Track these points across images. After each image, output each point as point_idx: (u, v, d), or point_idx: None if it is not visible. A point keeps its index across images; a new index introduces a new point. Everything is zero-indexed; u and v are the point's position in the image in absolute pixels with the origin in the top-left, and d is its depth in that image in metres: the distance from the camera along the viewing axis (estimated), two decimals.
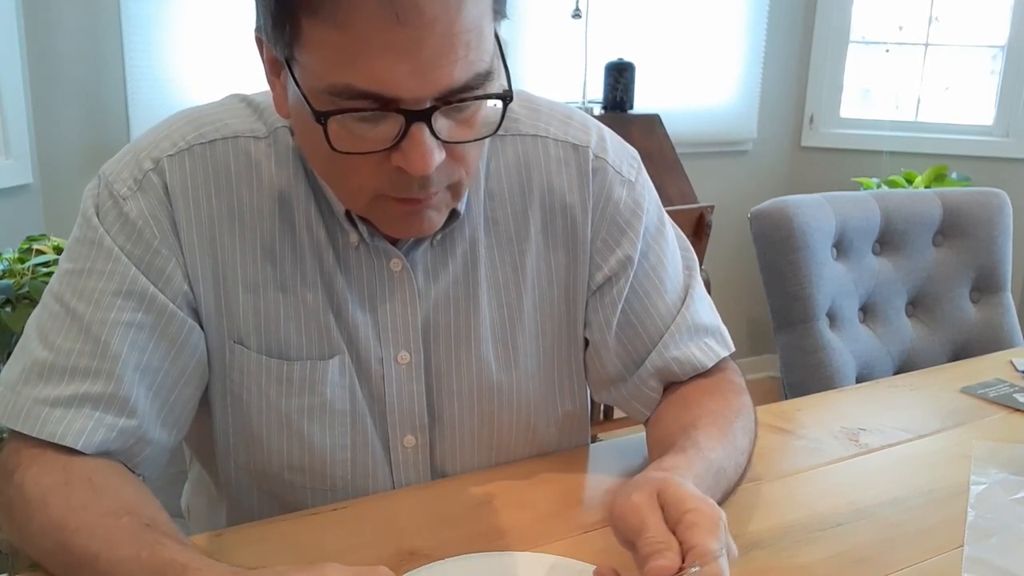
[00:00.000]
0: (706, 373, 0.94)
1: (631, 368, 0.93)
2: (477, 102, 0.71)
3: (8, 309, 1.58)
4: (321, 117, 0.68)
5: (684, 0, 3.18)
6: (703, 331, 0.95)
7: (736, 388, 0.93)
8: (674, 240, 0.97)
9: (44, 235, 1.84)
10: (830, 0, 3.44)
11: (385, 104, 0.67)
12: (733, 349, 0.98)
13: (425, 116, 0.68)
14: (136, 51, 2.38)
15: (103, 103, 2.39)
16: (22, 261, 1.70)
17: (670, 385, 0.94)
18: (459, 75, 0.68)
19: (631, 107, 2.93)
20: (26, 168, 2.27)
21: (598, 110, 2.93)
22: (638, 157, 0.96)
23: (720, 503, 0.76)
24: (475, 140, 0.74)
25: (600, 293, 0.92)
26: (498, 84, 0.72)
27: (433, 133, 0.69)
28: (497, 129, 0.75)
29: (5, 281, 1.62)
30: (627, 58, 2.92)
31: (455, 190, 0.78)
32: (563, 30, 2.94)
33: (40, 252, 1.73)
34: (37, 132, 2.31)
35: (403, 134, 0.69)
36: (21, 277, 1.65)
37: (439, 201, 0.77)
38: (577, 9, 2.84)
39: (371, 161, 0.71)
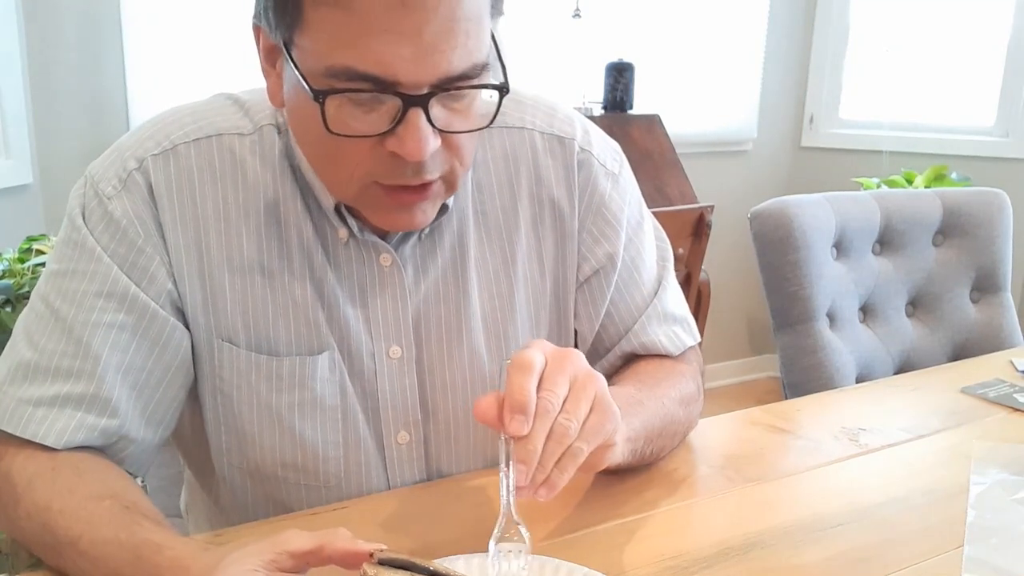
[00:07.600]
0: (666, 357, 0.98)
1: (602, 352, 0.97)
2: (473, 93, 0.73)
3: (8, 309, 1.58)
4: (319, 95, 0.69)
5: (684, 0, 3.18)
6: (672, 319, 0.98)
7: (680, 360, 0.97)
8: (651, 232, 1.00)
9: (44, 235, 1.83)
10: (830, 0, 3.43)
11: (384, 87, 0.68)
12: (699, 339, 1.01)
13: (423, 101, 0.69)
14: (136, 51, 2.38)
15: (103, 103, 2.39)
16: (22, 261, 1.70)
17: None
18: (458, 62, 0.69)
19: (631, 107, 2.93)
20: (26, 168, 2.27)
21: (598, 110, 2.93)
22: (621, 151, 0.98)
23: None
24: (470, 131, 0.75)
25: (588, 285, 0.94)
26: (495, 77, 0.74)
27: (429, 120, 0.70)
28: (492, 121, 0.75)
29: (5, 281, 1.62)
30: (627, 58, 2.92)
31: (450, 182, 0.78)
32: (563, 30, 2.94)
33: (40, 252, 1.73)
34: (37, 132, 2.31)
35: (400, 119, 0.70)
36: (21, 277, 1.65)
37: (435, 193, 0.78)
38: (577, 9, 2.84)
39: (365, 146, 0.72)
